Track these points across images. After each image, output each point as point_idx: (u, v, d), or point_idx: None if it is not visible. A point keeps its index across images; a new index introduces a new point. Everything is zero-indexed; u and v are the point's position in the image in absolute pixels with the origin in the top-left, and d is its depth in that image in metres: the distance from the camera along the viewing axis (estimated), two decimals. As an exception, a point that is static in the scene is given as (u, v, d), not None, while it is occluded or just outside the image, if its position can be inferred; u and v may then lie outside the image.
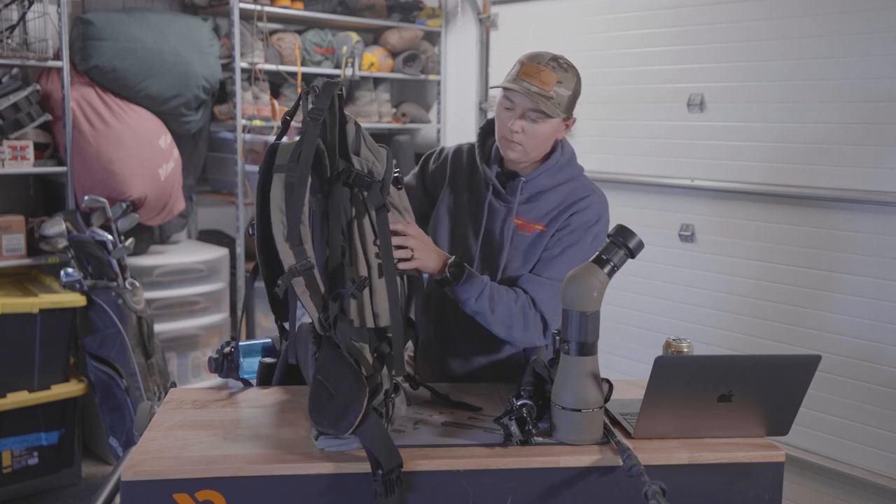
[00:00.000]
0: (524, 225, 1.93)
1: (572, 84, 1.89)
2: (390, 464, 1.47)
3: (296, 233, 1.56)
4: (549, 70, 1.84)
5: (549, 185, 1.94)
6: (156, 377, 3.31)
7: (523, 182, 1.93)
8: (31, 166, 3.38)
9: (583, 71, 2.01)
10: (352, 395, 1.50)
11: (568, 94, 1.87)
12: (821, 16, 3.11)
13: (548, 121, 1.86)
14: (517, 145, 1.87)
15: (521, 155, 1.90)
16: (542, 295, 1.86)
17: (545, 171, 1.93)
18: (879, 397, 3.01)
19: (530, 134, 1.86)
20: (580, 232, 1.90)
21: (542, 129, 1.86)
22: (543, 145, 1.91)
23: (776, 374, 1.59)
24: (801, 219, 3.21)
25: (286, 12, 4.13)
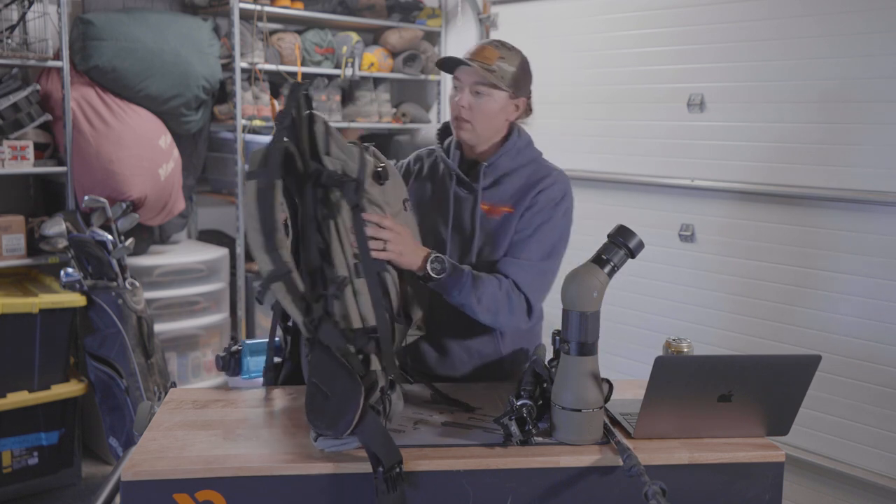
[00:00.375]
0: (491, 209, 1.95)
1: (516, 62, 1.94)
2: (390, 461, 1.47)
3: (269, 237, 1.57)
4: (491, 48, 1.92)
5: (511, 168, 1.97)
6: (156, 377, 3.31)
7: (485, 167, 1.96)
8: (31, 166, 3.38)
9: (583, 71, 2.02)
10: (347, 394, 1.50)
11: (511, 69, 1.92)
12: (821, 16, 3.11)
13: (493, 95, 1.90)
14: (466, 123, 1.91)
15: (472, 134, 1.93)
16: (523, 277, 1.87)
17: (504, 153, 1.97)
18: (879, 397, 3.01)
19: (478, 110, 1.90)
20: (549, 209, 1.93)
21: (489, 104, 1.91)
22: (493, 122, 1.94)
23: (776, 374, 1.59)
24: (801, 219, 3.21)
25: (286, 12, 4.13)
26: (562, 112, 4.07)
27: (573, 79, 4.01)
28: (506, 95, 1.92)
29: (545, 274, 1.91)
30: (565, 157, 4.16)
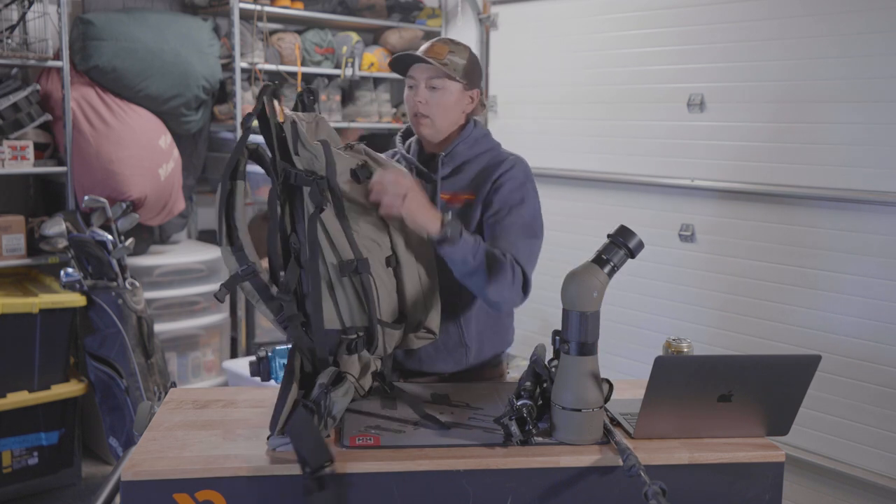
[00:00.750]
0: (452, 197, 1.96)
1: (465, 55, 1.96)
2: (317, 462, 1.46)
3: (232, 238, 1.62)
4: (440, 44, 1.95)
5: (469, 156, 1.98)
6: (156, 377, 3.31)
7: (443, 156, 1.97)
8: (31, 166, 3.38)
9: (583, 71, 2.03)
10: (281, 393, 1.55)
11: (462, 62, 1.94)
12: (821, 16, 3.11)
13: (448, 87, 1.93)
14: (425, 118, 1.94)
15: (432, 129, 1.95)
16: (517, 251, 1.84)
17: (461, 142, 1.98)
18: (879, 397, 3.01)
19: (434, 103, 1.93)
20: (517, 191, 1.93)
21: (444, 96, 1.93)
22: (450, 114, 1.96)
23: (776, 374, 1.59)
24: (801, 219, 3.21)
25: (286, 12, 4.13)
26: (562, 112, 4.07)
27: (573, 79, 4.01)
28: (460, 87, 1.95)
29: (533, 250, 1.89)
30: (565, 157, 4.18)
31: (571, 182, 3.99)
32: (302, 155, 1.66)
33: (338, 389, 1.60)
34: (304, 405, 1.53)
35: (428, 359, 1.99)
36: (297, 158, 1.66)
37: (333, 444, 1.58)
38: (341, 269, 1.64)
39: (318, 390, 1.57)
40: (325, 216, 1.63)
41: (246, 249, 1.64)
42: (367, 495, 1.52)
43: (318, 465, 1.46)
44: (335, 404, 1.59)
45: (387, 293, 1.72)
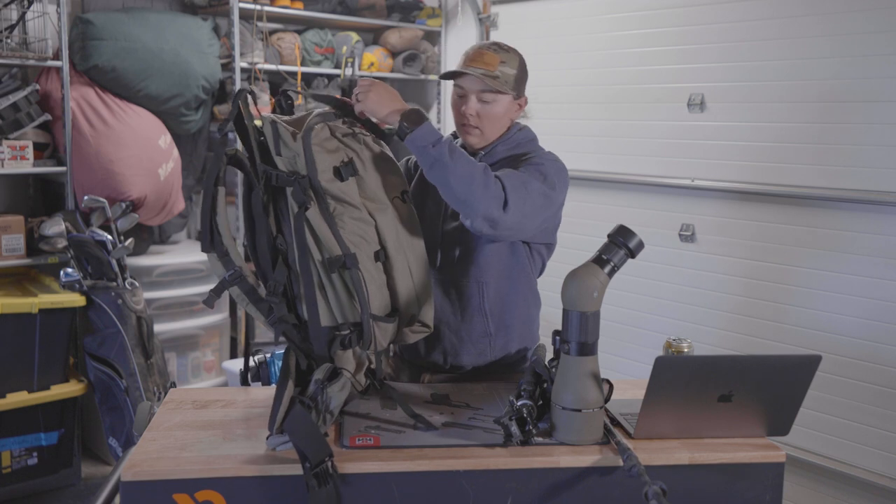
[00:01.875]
0: None
1: (515, 63, 1.95)
2: (317, 456, 1.46)
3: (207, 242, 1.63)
4: (490, 52, 1.92)
5: (507, 155, 1.97)
6: (155, 377, 3.31)
7: (482, 154, 1.97)
8: (30, 166, 3.38)
9: (583, 71, 2.03)
10: (278, 391, 1.55)
11: (513, 72, 1.93)
12: (821, 15, 3.11)
13: (499, 99, 1.92)
14: (474, 129, 1.94)
15: (480, 139, 1.96)
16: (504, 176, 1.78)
17: (501, 142, 1.98)
18: (879, 397, 3.01)
19: (485, 115, 1.92)
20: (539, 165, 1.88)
21: (495, 108, 1.93)
22: (499, 126, 1.96)
23: (776, 374, 1.59)
24: (801, 219, 3.21)
25: (286, 12, 4.13)
26: (562, 112, 4.07)
27: (573, 79, 4.01)
28: (510, 98, 1.94)
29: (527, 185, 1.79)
30: (566, 157, 4.15)
31: (571, 182, 3.94)
32: (284, 155, 1.66)
33: (334, 385, 1.61)
34: (301, 402, 1.53)
35: (452, 350, 1.98)
36: (280, 159, 1.66)
37: (333, 444, 1.58)
38: (329, 266, 1.64)
39: (315, 386, 1.58)
40: (310, 214, 1.63)
41: (231, 254, 1.65)
42: (367, 495, 1.52)
43: (319, 459, 1.46)
44: (332, 399, 1.59)
45: (377, 287, 1.72)
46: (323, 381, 1.59)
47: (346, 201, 1.68)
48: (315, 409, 1.55)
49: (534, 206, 1.80)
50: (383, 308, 1.74)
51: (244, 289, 1.66)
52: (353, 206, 1.69)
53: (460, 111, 1.94)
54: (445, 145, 1.72)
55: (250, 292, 1.66)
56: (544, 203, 1.83)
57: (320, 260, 1.65)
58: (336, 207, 1.67)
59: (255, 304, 1.68)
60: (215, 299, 1.65)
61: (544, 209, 1.84)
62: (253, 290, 1.66)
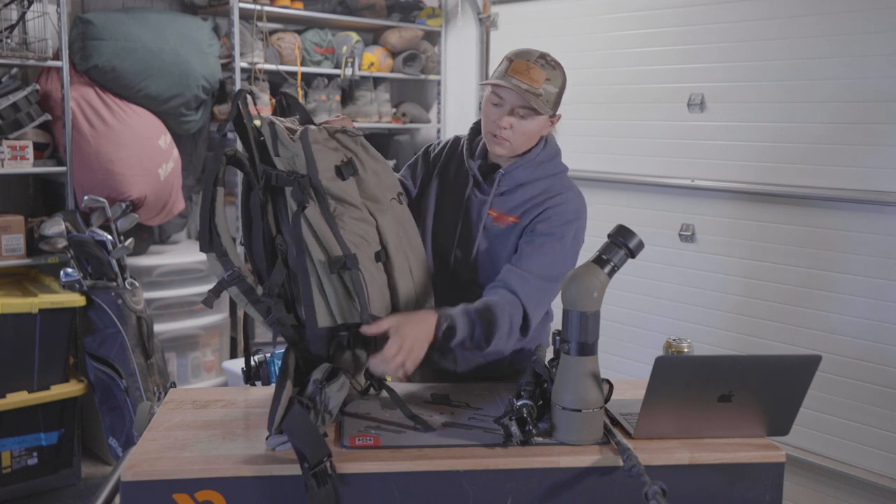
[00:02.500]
0: (498, 217, 1.93)
1: (559, 81, 1.90)
2: (316, 457, 1.46)
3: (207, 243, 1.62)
4: (538, 67, 1.84)
5: (528, 179, 1.93)
6: (155, 377, 3.31)
7: (501, 174, 1.93)
8: (30, 166, 3.38)
9: (583, 71, 2.02)
10: (276, 392, 1.54)
11: (555, 91, 1.88)
12: (821, 15, 3.11)
13: (536, 117, 1.87)
14: (505, 141, 1.88)
15: (508, 151, 1.91)
16: (524, 290, 1.82)
17: (523, 164, 1.93)
18: (879, 397, 3.01)
19: (518, 130, 1.87)
20: (561, 227, 1.88)
21: (530, 125, 1.87)
22: (530, 142, 1.92)
23: (776, 374, 1.59)
24: (802, 219, 3.21)
25: (286, 12, 4.13)
26: (562, 112, 4.06)
27: (573, 79, 3.95)
28: (546, 117, 1.89)
29: (546, 292, 1.86)
30: (566, 157, 4.16)
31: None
32: (283, 155, 1.66)
33: (332, 384, 1.60)
34: (300, 402, 1.53)
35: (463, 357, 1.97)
36: (279, 160, 1.66)
37: (333, 444, 1.58)
38: (329, 266, 1.64)
39: (313, 386, 1.57)
40: (310, 214, 1.63)
41: (230, 254, 1.63)
42: (367, 495, 1.52)
43: (317, 460, 1.46)
44: (331, 399, 1.59)
45: (377, 288, 1.72)
46: (321, 381, 1.58)
47: (347, 201, 1.68)
48: (314, 409, 1.55)
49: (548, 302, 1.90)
50: (384, 309, 1.74)
51: (243, 289, 1.65)
52: (354, 206, 1.69)
53: (493, 120, 1.87)
54: (478, 331, 1.76)
55: (249, 293, 1.66)
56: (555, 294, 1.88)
57: (321, 260, 1.65)
58: (336, 207, 1.67)
59: (254, 305, 1.67)
60: (214, 299, 1.65)
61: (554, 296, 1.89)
62: (251, 290, 1.66)
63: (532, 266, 1.84)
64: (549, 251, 1.86)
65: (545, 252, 1.86)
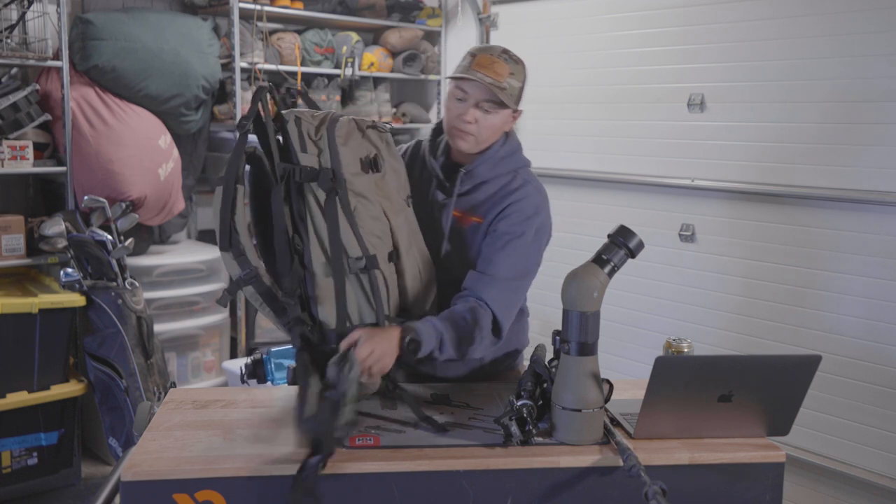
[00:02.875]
0: (462, 217, 1.92)
1: (522, 76, 1.90)
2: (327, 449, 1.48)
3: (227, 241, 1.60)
4: (501, 62, 1.85)
5: (489, 177, 1.92)
6: (155, 377, 3.31)
7: (462, 173, 1.92)
8: (30, 166, 3.38)
9: (583, 71, 2.02)
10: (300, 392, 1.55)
11: (519, 85, 1.89)
12: (821, 15, 3.11)
13: (500, 111, 1.87)
14: (469, 136, 1.87)
15: (472, 145, 1.89)
16: (491, 294, 1.81)
17: (483, 161, 1.92)
18: (879, 397, 3.01)
19: (483, 124, 1.86)
20: (521, 224, 1.86)
21: (494, 119, 1.87)
22: (493, 136, 1.91)
23: (776, 374, 1.59)
24: (802, 219, 3.21)
25: (286, 12, 4.13)
26: (562, 112, 4.07)
27: (573, 79, 4.01)
28: (510, 111, 1.89)
29: (515, 292, 1.85)
30: (565, 157, 4.18)
31: (571, 182, 3.99)
32: (309, 151, 1.66)
33: (351, 371, 1.59)
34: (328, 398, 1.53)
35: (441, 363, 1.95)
36: (304, 156, 1.65)
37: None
38: (349, 267, 1.64)
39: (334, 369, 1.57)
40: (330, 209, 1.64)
41: (248, 254, 1.62)
42: (367, 495, 1.52)
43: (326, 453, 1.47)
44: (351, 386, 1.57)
45: (392, 288, 1.73)
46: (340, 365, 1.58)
47: (367, 197, 1.69)
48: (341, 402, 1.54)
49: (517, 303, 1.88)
50: (396, 308, 1.75)
51: (259, 289, 1.63)
52: (372, 203, 1.70)
53: (457, 114, 1.87)
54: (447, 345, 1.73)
55: (265, 293, 1.64)
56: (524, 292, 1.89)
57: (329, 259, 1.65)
58: (356, 206, 1.67)
59: (270, 305, 1.65)
60: (229, 298, 1.64)
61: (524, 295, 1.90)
62: (267, 290, 1.64)
63: (497, 269, 1.83)
64: (511, 251, 1.84)
65: (508, 252, 1.84)
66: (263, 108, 1.66)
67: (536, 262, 1.90)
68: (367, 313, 1.68)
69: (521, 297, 1.89)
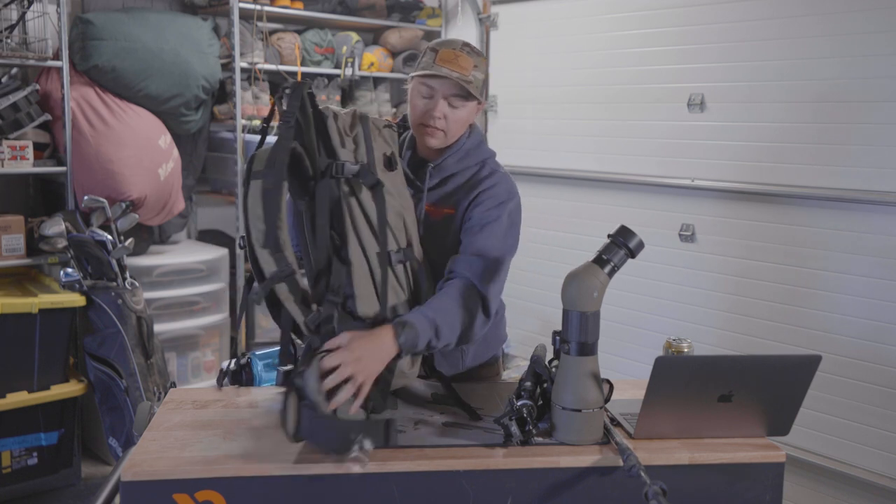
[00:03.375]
0: (434, 210, 1.93)
1: (484, 68, 1.92)
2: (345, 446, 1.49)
3: (273, 238, 1.57)
4: (465, 55, 1.86)
5: (457, 169, 1.94)
6: (155, 377, 3.31)
7: (431, 168, 1.93)
8: (30, 166, 3.38)
9: (582, 71, 2.02)
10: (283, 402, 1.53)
11: (482, 77, 1.90)
12: (821, 15, 3.11)
13: (467, 105, 1.88)
14: (438, 132, 1.88)
15: (441, 141, 1.90)
16: (474, 271, 1.80)
17: (451, 154, 1.93)
18: (880, 397, 3.01)
19: (452, 119, 1.87)
20: (495, 209, 1.87)
21: (462, 113, 1.88)
22: (462, 129, 1.93)
23: (776, 374, 1.59)
24: (802, 219, 3.21)
25: (286, 12, 4.13)
26: (562, 112, 4.07)
27: (573, 79, 4.01)
28: (476, 103, 1.91)
29: (497, 272, 1.84)
30: (566, 157, 4.18)
31: (571, 182, 3.99)
32: (347, 147, 1.68)
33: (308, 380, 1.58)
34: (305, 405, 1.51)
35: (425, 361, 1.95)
36: (343, 151, 1.67)
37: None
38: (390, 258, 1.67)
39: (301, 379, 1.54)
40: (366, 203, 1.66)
41: (286, 251, 1.59)
42: (367, 495, 1.52)
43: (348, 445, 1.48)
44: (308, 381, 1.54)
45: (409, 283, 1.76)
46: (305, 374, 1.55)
47: (391, 193, 1.72)
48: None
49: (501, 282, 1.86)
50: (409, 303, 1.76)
51: (291, 287, 1.60)
52: (395, 199, 1.73)
53: (425, 111, 1.87)
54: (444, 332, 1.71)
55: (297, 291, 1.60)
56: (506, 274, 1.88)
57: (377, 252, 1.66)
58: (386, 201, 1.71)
59: (300, 306, 1.61)
60: (262, 296, 1.61)
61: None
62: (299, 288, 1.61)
63: (478, 249, 1.83)
64: (489, 233, 1.85)
65: (486, 234, 1.85)
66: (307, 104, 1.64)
67: (514, 242, 1.91)
68: (401, 305, 1.70)
69: (504, 277, 1.88)
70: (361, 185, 1.66)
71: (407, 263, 1.72)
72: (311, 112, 1.65)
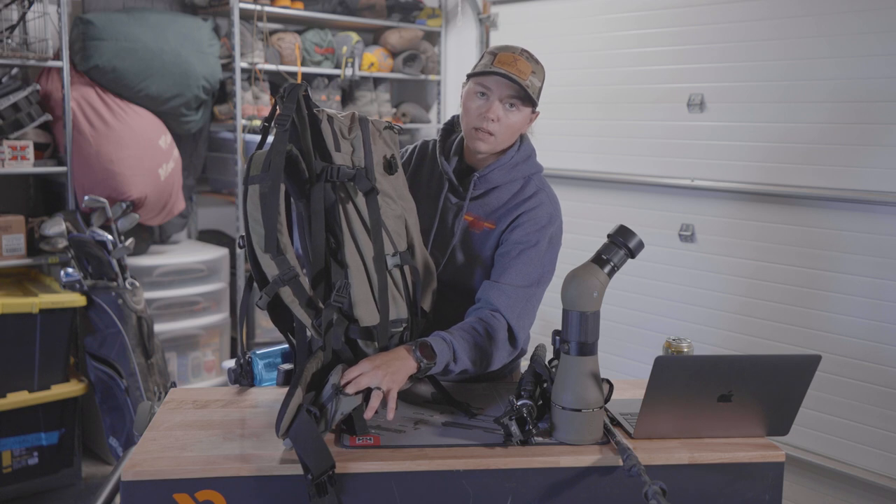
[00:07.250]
0: (474, 222, 1.91)
1: (542, 76, 1.89)
2: (319, 468, 1.43)
3: (274, 242, 1.56)
4: (524, 60, 1.83)
5: (502, 182, 1.91)
6: (156, 377, 3.31)
7: (476, 177, 1.91)
8: (31, 166, 3.38)
9: (583, 71, 2.02)
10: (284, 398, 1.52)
11: (539, 85, 1.87)
12: (820, 16, 3.11)
13: (522, 110, 1.85)
14: (489, 136, 1.85)
15: (491, 146, 1.87)
16: (505, 303, 1.80)
17: (498, 166, 1.91)
18: (879, 397, 3.01)
19: (505, 123, 1.84)
20: (535, 234, 1.86)
21: (515, 118, 1.85)
22: (513, 136, 1.90)
23: (776, 374, 1.59)
24: (802, 219, 3.21)
25: (286, 12, 4.13)
26: (562, 112, 4.07)
27: (573, 79, 4.01)
28: (530, 110, 1.88)
29: (529, 301, 1.84)
30: (565, 157, 4.18)
31: (571, 182, 3.99)
32: (343, 150, 1.66)
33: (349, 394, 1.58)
34: (308, 411, 1.50)
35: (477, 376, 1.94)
36: (339, 154, 1.66)
37: (333, 444, 1.58)
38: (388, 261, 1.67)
39: (331, 391, 1.55)
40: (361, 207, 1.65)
41: (287, 254, 1.59)
42: (367, 495, 1.52)
43: (321, 471, 1.44)
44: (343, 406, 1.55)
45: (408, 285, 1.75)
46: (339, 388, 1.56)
47: (391, 196, 1.71)
48: (323, 418, 1.53)
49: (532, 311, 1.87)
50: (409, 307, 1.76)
51: (295, 290, 1.60)
52: (395, 202, 1.72)
53: (480, 111, 1.83)
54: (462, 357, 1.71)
55: (301, 294, 1.60)
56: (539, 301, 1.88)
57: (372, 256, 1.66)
58: (382, 205, 1.69)
59: (305, 308, 1.61)
60: (267, 300, 1.59)
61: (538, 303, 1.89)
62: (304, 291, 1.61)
63: (510, 278, 1.82)
64: (525, 259, 1.84)
65: (522, 261, 1.84)
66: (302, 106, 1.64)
67: (550, 270, 1.89)
68: (401, 308, 1.69)
69: (536, 305, 1.88)
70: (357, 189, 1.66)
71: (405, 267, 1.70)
72: (307, 114, 1.65)
